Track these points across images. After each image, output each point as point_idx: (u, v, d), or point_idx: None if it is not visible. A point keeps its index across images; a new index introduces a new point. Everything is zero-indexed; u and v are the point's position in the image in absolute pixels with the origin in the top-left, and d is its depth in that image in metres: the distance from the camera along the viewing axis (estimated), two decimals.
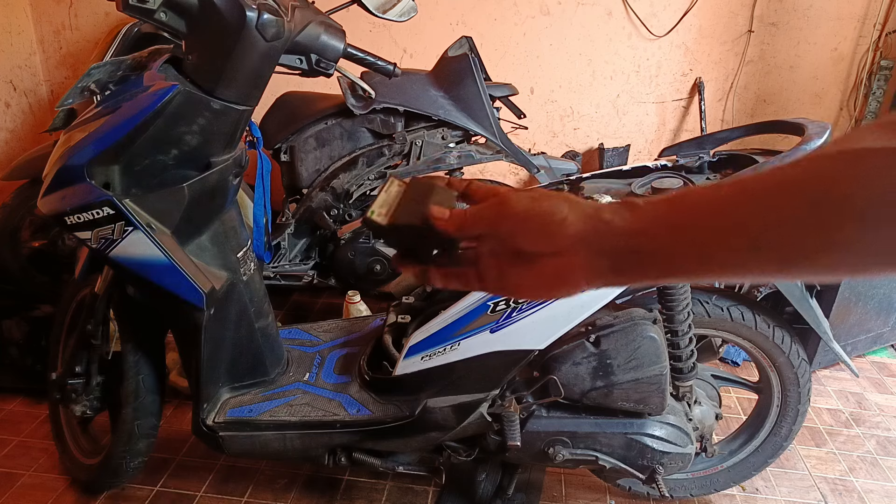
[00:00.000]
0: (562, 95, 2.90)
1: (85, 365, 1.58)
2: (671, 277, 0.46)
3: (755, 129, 1.50)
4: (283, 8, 1.17)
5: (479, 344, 1.29)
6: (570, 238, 0.47)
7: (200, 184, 1.22)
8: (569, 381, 1.32)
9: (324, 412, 1.42)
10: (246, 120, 1.24)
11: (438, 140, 2.16)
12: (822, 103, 2.78)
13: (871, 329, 2.28)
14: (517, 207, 0.49)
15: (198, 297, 1.27)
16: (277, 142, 2.21)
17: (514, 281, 0.51)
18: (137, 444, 1.55)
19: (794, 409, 1.54)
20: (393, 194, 0.56)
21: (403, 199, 0.55)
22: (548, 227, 0.48)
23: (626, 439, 1.35)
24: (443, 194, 0.55)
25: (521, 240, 0.49)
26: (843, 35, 2.66)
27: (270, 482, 1.73)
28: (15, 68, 2.84)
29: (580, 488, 1.73)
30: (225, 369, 1.45)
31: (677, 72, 2.82)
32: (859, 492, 1.75)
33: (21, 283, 2.34)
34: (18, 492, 1.70)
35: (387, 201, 0.55)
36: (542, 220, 0.48)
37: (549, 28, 2.78)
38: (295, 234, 2.32)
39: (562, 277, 0.49)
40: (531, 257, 0.49)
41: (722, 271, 0.43)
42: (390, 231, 0.54)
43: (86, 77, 1.18)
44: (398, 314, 1.52)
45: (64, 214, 1.16)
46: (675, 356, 1.39)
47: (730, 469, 1.64)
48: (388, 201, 0.55)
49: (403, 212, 0.54)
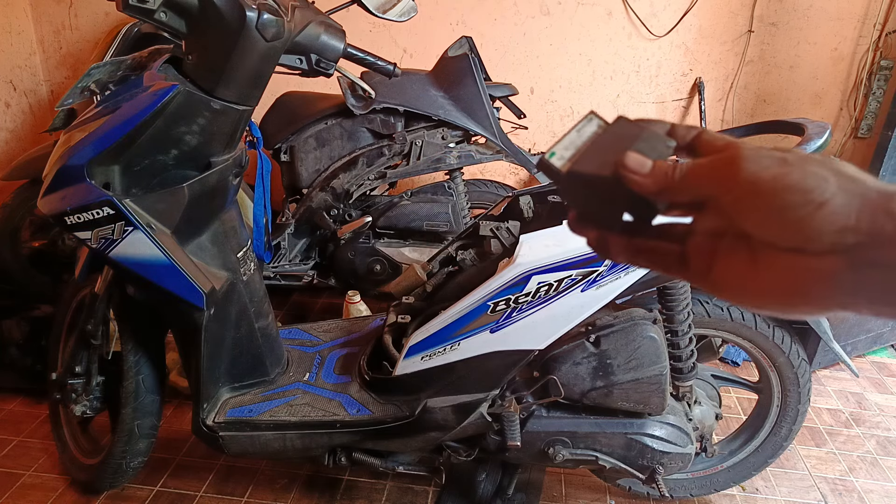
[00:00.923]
0: (562, 95, 2.90)
1: (85, 365, 1.58)
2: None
3: (755, 129, 1.50)
4: (283, 8, 1.17)
5: (479, 344, 1.29)
6: (830, 233, 0.33)
7: (200, 184, 1.22)
8: (569, 381, 1.32)
9: (324, 412, 1.42)
10: (246, 120, 1.24)
11: (438, 140, 2.16)
12: (822, 103, 2.78)
13: (871, 329, 2.29)
14: (756, 173, 0.35)
15: (198, 297, 1.27)
16: (277, 142, 2.21)
17: (729, 277, 0.38)
18: (137, 444, 1.56)
19: (794, 409, 1.54)
20: (587, 134, 0.43)
21: (598, 142, 0.43)
22: (798, 209, 0.33)
23: (626, 439, 1.35)
24: (653, 142, 0.42)
25: (753, 221, 0.35)
26: (843, 35, 2.66)
27: (270, 482, 1.73)
28: (15, 68, 2.84)
29: (580, 488, 1.73)
30: (225, 369, 1.45)
31: (677, 72, 2.82)
32: (859, 492, 1.75)
33: (21, 283, 2.34)
34: (18, 492, 1.70)
35: (575, 142, 0.43)
36: (792, 198, 0.34)
37: (549, 28, 2.78)
38: (295, 234, 2.32)
39: (801, 288, 0.35)
40: (762, 248, 0.35)
41: None
42: (567, 180, 0.42)
43: (86, 77, 1.18)
44: (398, 314, 1.52)
45: (64, 214, 1.16)
46: (675, 356, 1.39)
47: (730, 469, 1.64)
48: (577, 142, 0.43)
49: (590, 157, 0.42)
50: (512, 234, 1.42)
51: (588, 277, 1.20)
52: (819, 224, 0.33)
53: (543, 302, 1.23)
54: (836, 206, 0.33)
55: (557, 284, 1.21)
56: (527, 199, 1.46)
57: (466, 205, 2.26)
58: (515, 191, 1.52)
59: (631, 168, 0.39)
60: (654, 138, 0.42)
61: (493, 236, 1.42)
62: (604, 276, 1.20)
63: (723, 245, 0.38)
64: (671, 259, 0.41)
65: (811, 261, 0.34)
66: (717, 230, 0.38)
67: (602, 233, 0.43)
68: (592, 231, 0.44)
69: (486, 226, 1.44)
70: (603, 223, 0.43)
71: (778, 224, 0.34)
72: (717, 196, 0.37)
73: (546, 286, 1.21)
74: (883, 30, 2.60)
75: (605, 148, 0.41)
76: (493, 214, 1.48)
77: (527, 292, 1.22)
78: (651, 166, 0.39)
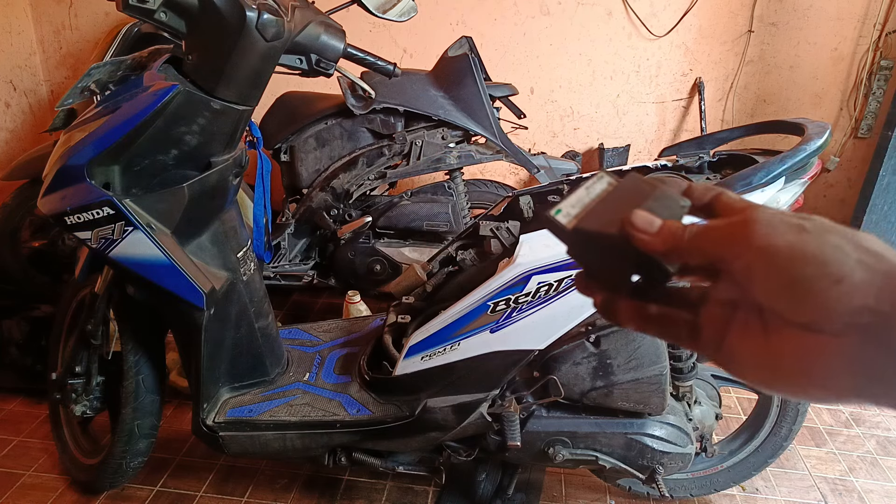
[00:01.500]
0: (562, 95, 2.90)
1: (85, 365, 1.58)
2: None
3: (755, 129, 1.50)
4: (283, 8, 1.17)
5: (479, 344, 1.29)
6: (846, 312, 0.30)
7: (200, 184, 1.22)
8: (569, 381, 1.32)
9: (324, 412, 1.42)
10: (246, 120, 1.24)
11: (438, 140, 2.16)
12: (822, 103, 2.78)
13: None
14: (771, 239, 0.32)
15: (198, 297, 1.27)
16: (277, 142, 2.21)
17: (741, 351, 0.35)
18: (137, 444, 1.56)
19: (794, 409, 1.54)
20: (595, 192, 0.41)
21: (606, 200, 0.41)
22: (812, 283, 0.31)
23: (626, 439, 1.35)
24: (665, 201, 0.39)
25: (764, 291, 0.33)
26: (843, 35, 2.66)
27: (270, 482, 1.73)
28: (15, 68, 2.84)
29: (580, 488, 1.73)
30: (225, 369, 1.45)
31: (677, 72, 2.82)
32: (859, 492, 1.75)
33: (21, 283, 2.34)
34: (18, 492, 1.70)
35: (583, 199, 0.41)
36: (807, 269, 0.31)
37: (549, 28, 2.78)
38: (295, 234, 2.32)
39: (812, 369, 0.32)
40: (774, 321, 0.33)
41: None
42: (573, 238, 0.40)
43: (86, 77, 1.18)
44: (398, 314, 1.52)
45: (64, 214, 1.16)
46: (675, 356, 1.39)
47: (730, 469, 1.64)
48: (586, 199, 0.41)
49: (598, 215, 0.40)
50: (512, 234, 1.42)
51: None
52: (834, 301, 0.30)
53: (543, 302, 1.23)
54: (855, 283, 0.30)
55: (557, 284, 1.21)
56: (527, 199, 1.46)
57: (466, 205, 2.26)
58: (515, 191, 1.52)
59: (638, 226, 0.37)
60: (666, 197, 0.40)
61: (493, 236, 1.42)
62: None
63: (737, 316, 0.35)
64: (682, 328, 0.39)
65: (824, 340, 0.31)
66: (733, 299, 0.35)
67: (610, 295, 0.41)
68: (599, 293, 0.42)
69: (486, 226, 1.44)
70: (610, 284, 0.42)
71: (790, 296, 0.31)
72: (729, 261, 0.34)
73: (546, 286, 1.21)
74: (883, 30, 2.60)
75: (613, 206, 0.40)
76: (493, 214, 1.48)
77: (527, 292, 1.22)
78: (659, 225, 0.37)
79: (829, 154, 2.80)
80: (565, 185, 1.43)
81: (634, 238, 0.37)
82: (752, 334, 0.34)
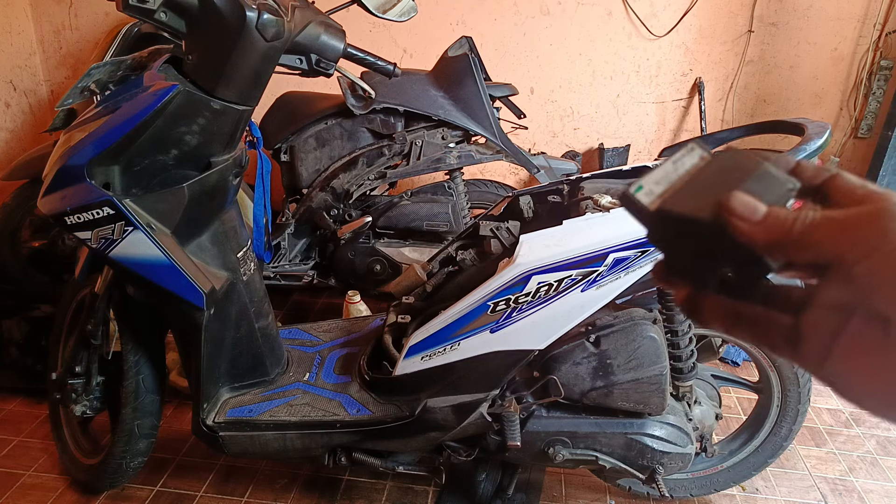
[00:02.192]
0: (562, 95, 2.90)
1: (85, 365, 1.58)
2: None
3: (755, 129, 1.50)
4: (283, 8, 1.17)
5: (479, 344, 1.29)
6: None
7: (200, 184, 1.22)
8: (569, 381, 1.32)
9: (324, 412, 1.42)
10: (246, 120, 1.24)
11: (438, 140, 2.16)
12: (822, 103, 2.78)
13: None
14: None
15: (198, 297, 1.27)
16: (277, 142, 2.21)
17: (851, 369, 0.29)
18: (137, 444, 1.56)
19: (794, 409, 1.54)
20: (685, 167, 0.35)
21: (697, 177, 0.35)
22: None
23: (626, 439, 1.35)
24: (769, 181, 0.34)
25: (889, 301, 0.27)
26: (843, 35, 2.66)
27: (270, 482, 1.73)
28: (15, 68, 2.84)
29: (580, 488, 1.73)
30: (225, 369, 1.45)
31: (677, 72, 2.82)
32: (859, 492, 1.75)
33: (21, 283, 2.34)
34: (18, 492, 1.70)
35: (669, 175, 0.35)
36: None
37: (549, 28, 2.78)
38: (295, 234, 2.32)
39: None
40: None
41: None
42: (655, 220, 0.34)
43: (86, 77, 1.18)
44: (398, 314, 1.52)
45: (64, 214, 1.16)
46: (675, 356, 1.39)
47: (730, 469, 1.64)
48: (673, 176, 0.35)
49: (687, 195, 0.34)
50: (512, 234, 1.42)
51: (588, 277, 1.20)
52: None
53: (543, 302, 1.23)
54: None
55: (557, 284, 1.21)
56: (527, 199, 1.46)
57: (466, 205, 2.26)
58: (515, 191, 1.52)
59: (737, 212, 0.31)
60: (770, 177, 0.34)
61: (493, 236, 1.42)
62: (604, 276, 1.20)
63: (850, 326, 0.29)
64: (779, 334, 0.32)
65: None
66: (846, 304, 0.29)
67: (692, 288, 0.36)
68: (683, 286, 0.36)
69: (486, 226, 1.44)
70: (696, 278, 0.36)
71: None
72: (850, 261, 0.28)
73: (546, 286, 1.21)
74: (883, 30, 2.60)
75: (707, 185, 0.34)
76: (493, 214, 1.48)
77: (527, 292, 1.22)
78: (764, 212, 0.31)
79: (829, 154, 2.80)
80: (565, 185, 1.44)
81: (732, 226, 0.31)
82: (868, 350, 0.28)
